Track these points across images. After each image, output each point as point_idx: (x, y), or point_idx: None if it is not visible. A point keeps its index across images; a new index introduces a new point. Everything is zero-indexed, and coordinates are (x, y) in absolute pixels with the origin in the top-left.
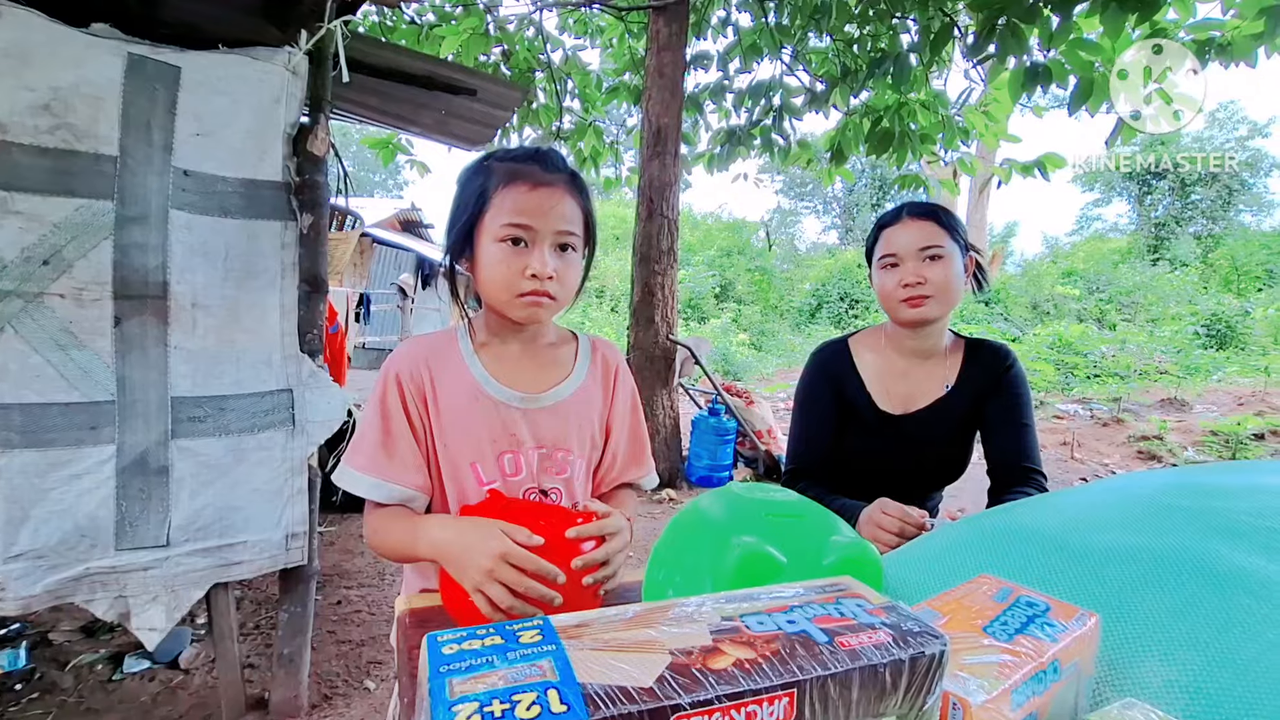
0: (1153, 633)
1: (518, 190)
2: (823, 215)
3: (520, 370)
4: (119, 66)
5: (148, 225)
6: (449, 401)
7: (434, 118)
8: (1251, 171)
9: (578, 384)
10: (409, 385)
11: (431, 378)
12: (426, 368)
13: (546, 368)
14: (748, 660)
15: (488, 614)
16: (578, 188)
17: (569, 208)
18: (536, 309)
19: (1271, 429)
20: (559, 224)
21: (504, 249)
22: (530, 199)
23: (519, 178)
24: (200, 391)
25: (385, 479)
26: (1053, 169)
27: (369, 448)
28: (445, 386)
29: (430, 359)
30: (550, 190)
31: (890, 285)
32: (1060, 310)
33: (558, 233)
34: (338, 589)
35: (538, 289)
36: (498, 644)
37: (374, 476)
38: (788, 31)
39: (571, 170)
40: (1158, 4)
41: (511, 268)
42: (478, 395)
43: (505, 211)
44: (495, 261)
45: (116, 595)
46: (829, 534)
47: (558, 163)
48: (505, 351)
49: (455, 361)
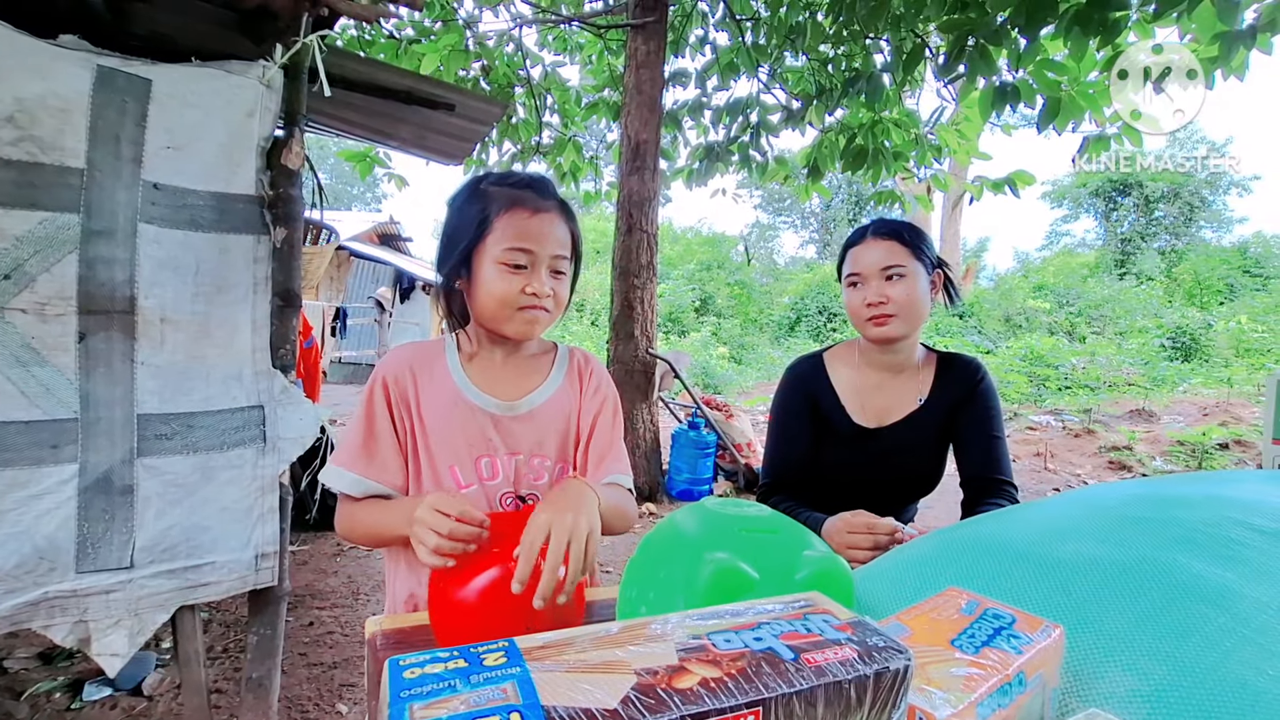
0: (1116, 643)
1: (519, 216)
2: (801, 230)
3: (500, 379)
4: (87, 79)
5: (115, 239)
6: (431, 406)
7: (412, 132)
8: (1211, 189)
9: (552, 390)
10: (394, 388)
11: (415, 382)
12: (411, 373)
13: (525, 376)
14: (713, 679)
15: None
16: (567, 213)
17: (562, 232)
18: (533, 325)
19: (1235, 438)
20: (555, 249)
21: (504, 271)
22: (530, 225)
23: (519, 204)
24: (168, 408)
25: (365, 476)
26: (1022, 186)
27: (353, 447)
28: (428, 392)
29: (416, 364)
30: (547, 216)
31: (856, 304)
32: (1032, 323)
33: (554, 257)
34: (310, 609)
35: (535, 304)
36: (461, 667)
37: (354, 473)
38: (764, 50)
39: (561, 198)
40: (1119, 28)
41: (512, 288)
42: (457, 401)
43: (508, 237)
44: (496, 282)
45: (76, 620)
46: (802, 549)
47: (550, 190)
48: (489, 361)
49: (440, 369)
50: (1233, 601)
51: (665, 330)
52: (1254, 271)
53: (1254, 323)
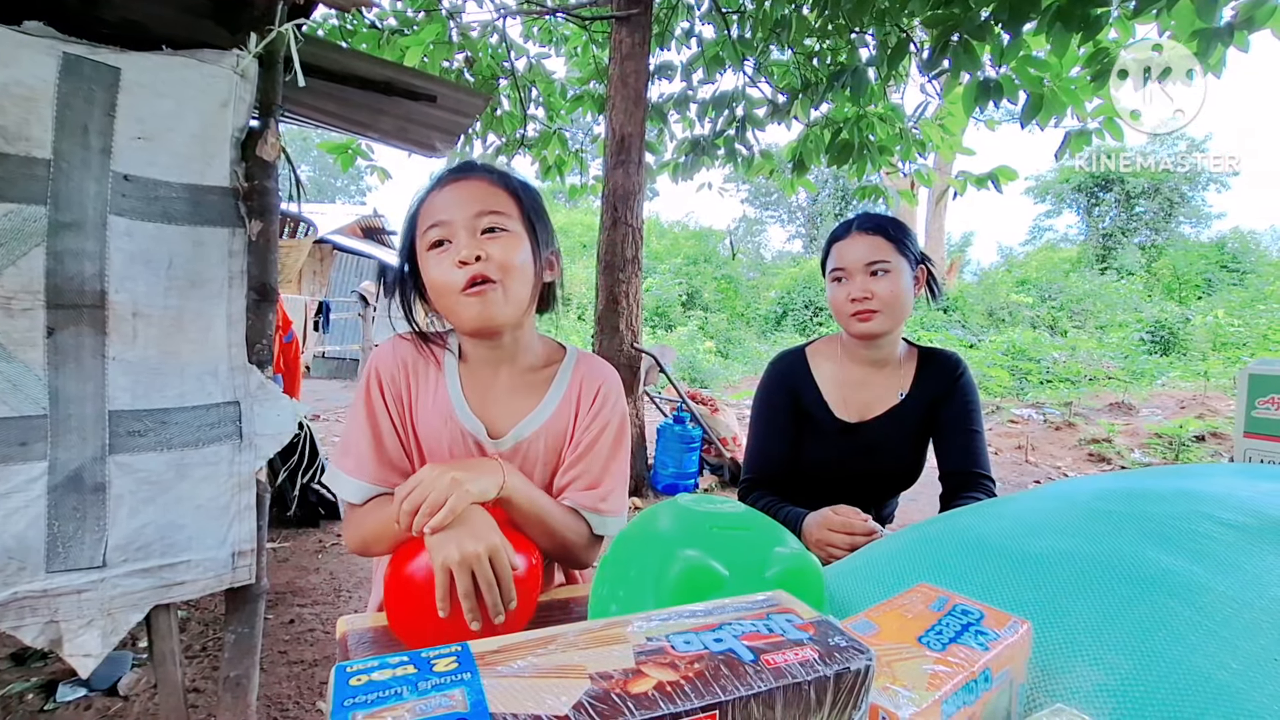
0: (1084, 637)
1: (431, 196)
2: (787, 224)
3: (494, 399)
4: (53, 66)
5: (84, 231)
6: (424, 416)
7: (393, 124)
8: (1190, 185)
9: (544, 418)
10: (389, 387)
11: (410, 386)
12: (406, 373)
13: (520, 398)
14: (669, 682)
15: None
16: (498, 178)
17: (485, 192)
18: (481, 303)
19: (1211, 430)
20: (474, 207)
21: (433, 256)
22: (441, 196)
23: (431, 187)
24: (141, 405)
25: (375, 483)
26: (1005, 181)
27: (358, 451)
28: (423, 400)
29: (412, 365)
30: (461, 183)
31: (840, 299)
32: (1015, 317)
33: (476, 215)
34: (290, 607)
35: (472, 276)
36: (410, 674)
37: (360, 479)
38: (750, 44)
39: (491, 169)
40: (1100, 24)
41: (441, 267)
42: (449, 420)
43: (425, 219)
44: (429, 272)
45: (47, 620)
46: (773, 546)
47: (469, 165)
48: (486, 377)
49: (435, 377)
50: (1199, 595)
51: (652, 324)
52: (1231, 266)
53: (1230, 317)
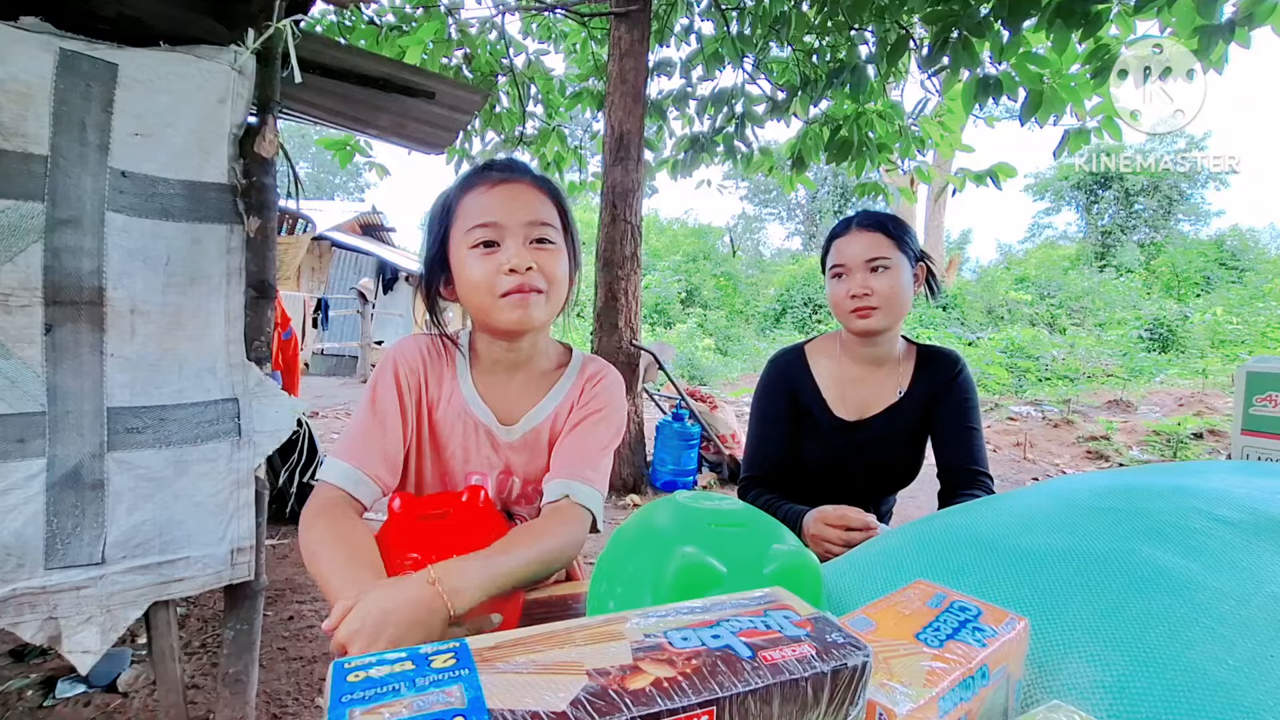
0: (1081, 634)
1: (478, 192)
2: (787, 221)
3: (506, 394)
4: (49, 62)
5: (82, 228)
6: (441, 412)
7: (391, 120)
8: (1189, 183)
9: (550, 409)
10: (408, 379)
11: (428, 378)
12: (425, 366)
13: (530, 394)
14: (667, 679)
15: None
16: (545, 185)
17: (535, 200)
18: (524, 308)
19: (1209, 428)
20: (527, 215)
21: (476, 255)
22: (491, 196)
23: (477, 182)
24: (139, 401)
25: (359, 466)
26: (1004, 178)
27: (351, 433)
28: (439, 394)
29: (430, 359)
30: (510, 185)
31: (840, 295)
32: (1014, 315)
33: (528, 224)
34: (290, 603)
35: (520, 285)
36: (408, 670)
37: (348, 462)
38: (749, 41)
39: (535, 172)
40: (1100, 20)
41: (487, 270)
42: (463, 412)
43: (471, 216)
44: (470, 269)
45: (46, 617)
46: (771, 542)
47: (516, 165)
48: (498, 374)
49: (451, 373)
50: (1195, 592)
51: (651, 321)
52: (1229, 264)
53: (1229, 314)
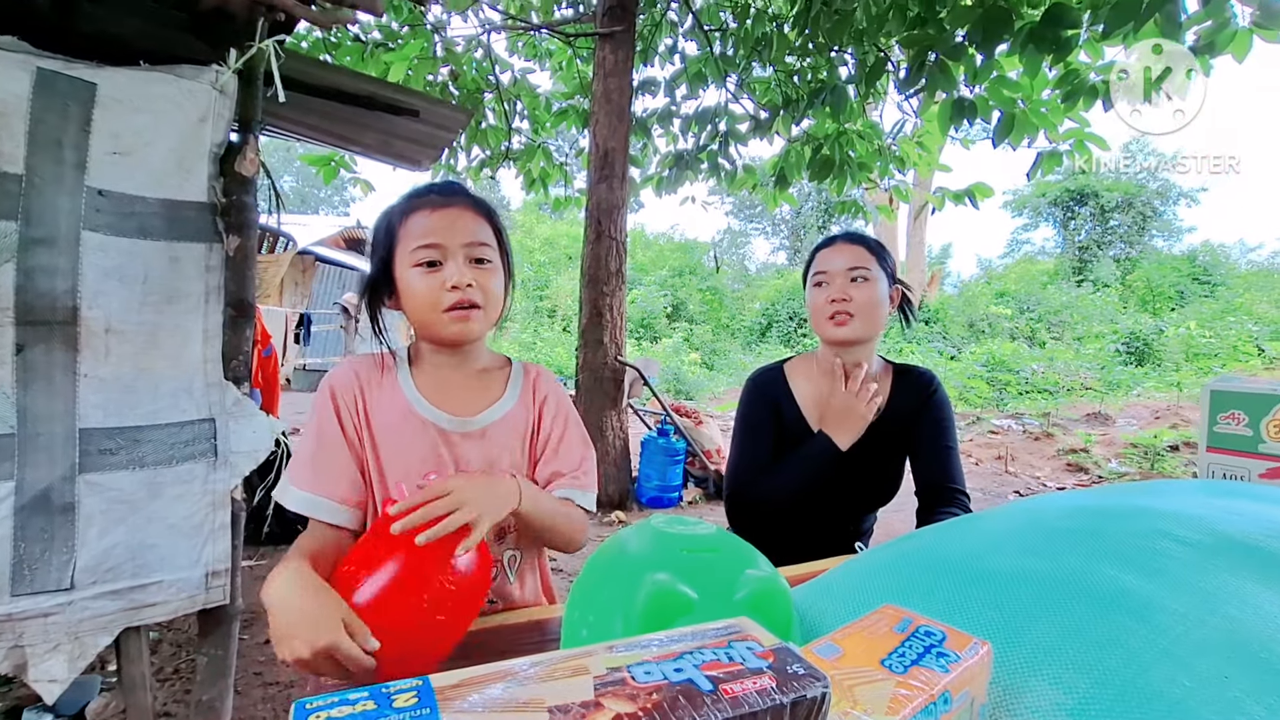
0: (1043, 656)
1: (420, 215)
2: (771, 237)
3: (453, 394)
4: (26, 81)
5: (56, 247)
6: (382, 419)
7: (376, 138)
8: (1162, 199)
9: (508, 408)
10: (343, 398)
11: (363, 394)
12: (359, 383)
13: (478, 391)
14: (627, 714)
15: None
16: (481, 208)
17: (474, 222)
18: (465, 322)
19: (1185, 440)
20: (466, 237)
21: (419, 273)
22: (433, 219)
23: (419, 205)
24: (112, 422)
25: (315, 492)
26: (981, 198)
27: (303, 462)
28: (379, 404)
29: (364, 376)
30: (450, 210)
31: (819, 302)
32: (994, 329)
33: (467, 245)
34: (266, 628)
35: (461, 300)
36: (369, 710)
37: (305, 490)
38: (732, 61)
39: (472, 194)
40: (1070, 46)
41: (430, 287)
42: (408, 415)
43: (413, 237)
44: (414, 286)
45: (12, 645)
46: (743, 568)
47: (455, 188)
48: (441, 375)
49: (390, 381)
50: (1154, 613)
51: (638, 336)
52: (1202, 279)
53: (1202, 328)
